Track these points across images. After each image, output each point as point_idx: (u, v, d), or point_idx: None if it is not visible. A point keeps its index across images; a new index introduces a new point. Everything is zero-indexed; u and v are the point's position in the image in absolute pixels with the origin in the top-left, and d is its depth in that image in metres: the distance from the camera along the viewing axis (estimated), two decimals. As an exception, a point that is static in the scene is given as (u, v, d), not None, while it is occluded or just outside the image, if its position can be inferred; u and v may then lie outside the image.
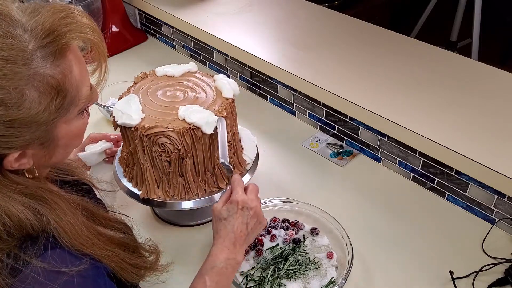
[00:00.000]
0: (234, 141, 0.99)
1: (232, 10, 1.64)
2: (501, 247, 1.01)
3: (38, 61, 0.57)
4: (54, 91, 0.58)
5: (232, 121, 0.97)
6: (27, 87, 0.56)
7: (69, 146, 0.68)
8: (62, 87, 0.59)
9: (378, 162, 1.24)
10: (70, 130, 0.65)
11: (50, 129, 0.61)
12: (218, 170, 0.97)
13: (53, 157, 0.66)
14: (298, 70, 1.30)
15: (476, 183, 1.05)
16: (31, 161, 0.63)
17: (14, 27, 0.56)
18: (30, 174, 0.65)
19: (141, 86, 1.02)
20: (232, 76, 1.57)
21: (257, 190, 0.90)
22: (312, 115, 1.36)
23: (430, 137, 1.06)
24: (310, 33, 1.50)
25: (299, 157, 1.27)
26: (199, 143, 0.91)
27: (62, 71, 0.59)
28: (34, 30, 0.57)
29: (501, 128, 1.09)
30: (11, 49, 0.55)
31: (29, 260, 0.59)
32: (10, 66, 0.55)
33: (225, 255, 0.81)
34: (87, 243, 0.65)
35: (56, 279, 0.59)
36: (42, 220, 0.61)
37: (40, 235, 0.61)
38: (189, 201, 0.97)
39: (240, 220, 0.84)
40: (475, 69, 1.32)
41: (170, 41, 1.79)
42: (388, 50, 1.39)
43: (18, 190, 0.61)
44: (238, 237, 0.83)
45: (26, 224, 0.60)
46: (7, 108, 0.55)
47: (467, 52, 2.40)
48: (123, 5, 1.77)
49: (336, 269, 0.95)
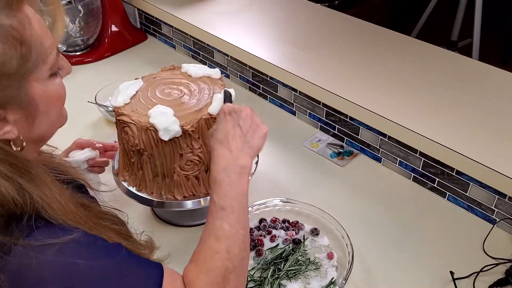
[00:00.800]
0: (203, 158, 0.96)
1: (232, 10, 1.63)
2: (502, 248, 1.00)
3: None
4: (17, 42, 0.58)
5: (201, 138, 0.92)
6: None
7: (50, 114, 0.67)
8: (24, 38, 0.59)
9: (379, 162, 1.24)
10: (46, 92, 0.64)
11: (23, 86, 0.61)
12: (178, 179, 0.95)
13: (37, 127, 0.65)
14: (298, 70, 1.30)
15: (477, 183, 1.05)
16: (15, 129, 0.62)
17: None
18: (17, 145, 0.63)
19: (156, 76, 1.04)
20: (232, 76, 1.57)
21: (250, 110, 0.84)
22: (312, 115, 1.36)
23: (431, 137, 1.06)
24: (310, 33, 1.49)
25: (299, 157, 1.26)
26: (157, 146, 0.91)
27: (21, 21, 0.59)
28: None
29: (502, 128, 1.09)
30: None
31: (16, 242, 0.57)
32: None
33: (222, 164, 0.76)
34: (80, 218, 0.63)
35: (46, 251, 0.57)
36: (25, 196, 0.59)
37: (24, 213, 0.59)
38: (189, 201, 0.96)
39: (230, 124, 0.78)
40: (476, 69, 1.31)
41: (170, 40, 1.79)
42: (389, 49, 1.39)
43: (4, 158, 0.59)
44: (232, 140, 0.77)
45: (8, 199, 0.58)
46: None
47: (468, 51, 2.40)
48: (122, 5, 1.77)
49: (337, 270, 0.95)
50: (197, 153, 0.93)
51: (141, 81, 1.02)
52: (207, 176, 0.96)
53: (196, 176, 0.96)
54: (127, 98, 0.96)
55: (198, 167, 0.95)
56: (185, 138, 0.91)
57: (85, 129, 1.35)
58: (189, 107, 0.94)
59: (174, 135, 0.89)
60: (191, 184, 0.96)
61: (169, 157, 0.93)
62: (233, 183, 0.75)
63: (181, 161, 0.93)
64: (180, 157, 0.93)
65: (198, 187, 0.97)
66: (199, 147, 0.93)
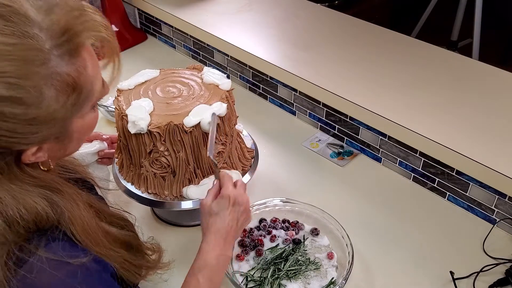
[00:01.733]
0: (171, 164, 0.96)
1: (232, 10, 1.63)
2: (502, 248, 1.00)
3: (55, 60, 0.58)
4: (70, 89, 0.60)
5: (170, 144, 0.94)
6: (46, 86, 0.57)
7: (82, 139, 0.70)
8: (78, 84, 0.60)
9: (379, 162, 1.24)
10: (83, 123, 0.66)
11: (66, 125, 0.63)
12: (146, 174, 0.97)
13: (67, 150, 0.68)
14: (298, 70, 1.30)
15: (477, 183, 1.05)
16: (46, 154, 0.64)
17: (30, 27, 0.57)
18: (45, 166, 0.67)
19: (175, 72, 1.06)
20: (232, 76, 1.57)
21: (245, 187, 0.89)
22: (312, 115, 1.36)
23: (431, 137, 1.06)
24: (310, 33, 1.49)
25: (299, 157, 1.26)
26: (125, 136, 0.95)
27: (77, 68, 0.60)
28: (50, 29, 0.58)
29: (502, 128, 1.09)
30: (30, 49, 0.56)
31: (34, 250, 0.60)
32: (29, 67, 0.55)
33: (217, 252, 0.81)
34: (95, 241, 0.66)
35: (59, 269, 0.59)
36: (57, 212, 0.63)
37: (50, 228, 0.62)
38: (189, 201, 0.96)
39: (232, 216, 0.83)
40: (476, 69, 1.31)
41: (170, 40, 1.79)
42: (389, 50, 1.39)
43: (35, 183, 0.63)
44: (228, 233, 0.82)
45: (42, 215, 0.61)
46: (28, 107, 0.56)
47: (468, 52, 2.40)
48: (122, 5, 1.77)
49: (337, 270, 0.95)
50: (165, 155, 0.93)
51: (157, 73, 1.04)
52: (174, 180, 0.96)
53: (163, 177, 0.96)
54: (133, 84, 0.99)
55: (166, 170, 0.95)
56: (150, 137, 0.92)
57: (85, 129, 1.35)
58: (171, 109, 0.94)
59: (139, 130, 0.90)
60: (158, 183, 0.97)
61: (137, 150, 0.95)
62: (219, 271, 0.82)
63: (149, 158, 0.94)
64: (148, 154, 0.94)
65: (163, 188, 0.97)
66: (167, 151, 0.93)
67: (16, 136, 0.58)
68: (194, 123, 0.90)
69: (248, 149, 1.07)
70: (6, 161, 0.60)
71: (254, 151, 1.08)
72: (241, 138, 1.07)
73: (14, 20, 0.55)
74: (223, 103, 0.94)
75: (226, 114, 0.95)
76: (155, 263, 0.81)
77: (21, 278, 0.58)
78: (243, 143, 1.06)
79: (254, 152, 1.08)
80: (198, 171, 0.96)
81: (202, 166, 0.96)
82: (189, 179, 0.96)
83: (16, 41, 0.55)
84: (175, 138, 0.91)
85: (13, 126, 0.56)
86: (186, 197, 0.96)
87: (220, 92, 0.99)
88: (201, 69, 1.06)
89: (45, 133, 0.60)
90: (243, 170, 1.02)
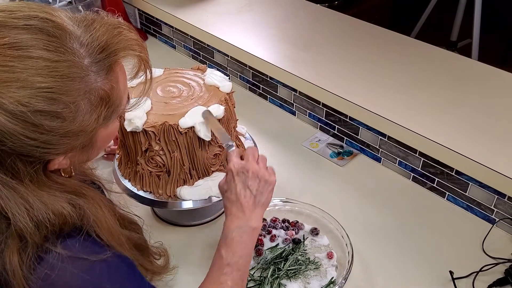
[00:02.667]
0: (167, 164, 0.96)
1: (232, 10, 1.64)
2: (501, 247, 1.00)
3: (93, 76, 0.59)
4: (103, 103, 0.62)
5: (166, 144, 0.93)
6: (83, 101, 0.59)
7: (103, 147, 0.72)
8: (110, 99, 0.62)
9: (378, 162, 1.24)
10: (107, 133, 0.68)
11: (93, 135, 0.65)
12: (142, 172, 0.97)
13: (89, 157, 0.70)
14: (298, 70, 1.30)
15: (476, 183, 1.05)
16: (69, 161, 0.65)
17: (71, 42, 0.58)
18: (66, 173, 0.69)
19: (178, 71, 1.07)
20: (232, 76, 1.57)
21: (255, 153, 0.86)
22: (312, 115, 1.36)
23: (430, 137, 1.06)
24: (310, 33, 1.50)
25: (299, 157, 1.27)
26: (122, 133, 0.95)
27: (111, 83, 0.62)
28: (89, 45, 0.59)
29: (502, 128, 1.09)
30: (72, 67, 0.57)
31: (51, 247, 0.61)
32: (71, 83, 0.57)
33: (235, 224, 0.79)
34: (119, 242, 0.68)
35: (78, 265, 0.60)
36: (83, 216, 0.64)
37: (75, 225, 0.64)
38: (189, 201, 0.97)
39: (240, 186, 0.82)
40: (475, 69, 1.32)
41: (170, 41, 1.79)
42: (388, 50, 1.39)
43: (61, 189, 0.64)
44: (244, 203, 0.81)
45: (69, 220, 0.62)
46: (64, 121, 0.58)
47: (467, 52, 2.40)
48: (123, 5, 1.77)
49: (336, 269, 0.95)
50: (160, 154, 0.93)
51: (161, 72, 1.05)
52: (169, 180, 0.96)
53: (158, 175, 0.97)
54: (135, 83, 0.99)
55: (161, 169, 0.96)
56: (145, 136, 0.92)
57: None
58: (168, 109, 0.95)
59: (134, 129, 0.91)
60: (153, 182, 0.97)
61: (133, 148, 0.95)
62: (244, 243, 0.79)
63: (144, 156, 0.95)
64: (143, 152, 0.94)
65: (157, 187, 0.98)
66: (161, 150, 0.93)
67: (49, 148, 0.59)
68: (190, 125, 0.90)
69: None
70: (35, 169, 0.61)
71: None
72: (241, 142, 1.06)
73: (57, 35, 0.57)
74: (220, 105, 0.94)
75: (224, 117, 0.95)
76: (161, 269, 0.81)
77: (41, 276, 0.59)
78: (242, 146, 1.06)
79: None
80: (193, 172, 0.96)
81: (197, 167, 0.96)
82: (184, 179, 0.97)
83: (59, 58, 0.56)
84: (170, 138, 0.91)
85: (48, 138, 0.58)
86: (180, 197, 0.96)
87: (220, 94, 0.99)
88: (205, 70, 1.07)
89: (74, 143, 0.62)
90: None
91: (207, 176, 0.98)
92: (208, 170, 0.97)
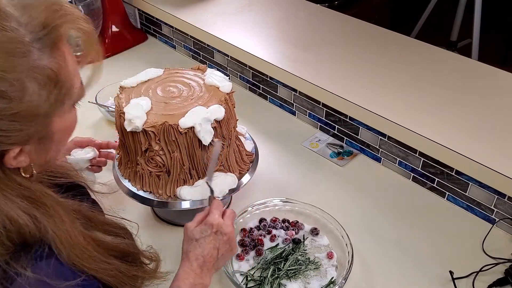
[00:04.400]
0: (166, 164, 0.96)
1: (232, 10, 1.64)
2: (501, 247, 1.01)
3: (36, 53, 0.57)
4: (52, 83, 0.59)
5: (165, 144, 0.94)
6: (28, 79, 0.56)
7: (62, 142, 0.69)
8: (59, 78, 0.60)
9: (378, 162, 1.24)
10: (63, 124, 0.65)
11: (47, 123, 0.62)
12: (142, 172, 0.97)
13: (48, 154, 0.67)
14: (298, 70, 1.30)
15: (476, 183, 1.05)
16: (27, 158, 0.63)
17: (8, 21, 0.56)
18: (27, 173, 0.65)
19: (178, 71, 1.07)
20: (232, 76, 1.57)
21: (234, 217, 0.88)
22: (312, 115, 1.36)
23: (430, 137, 1.06)
24: (310, 33, 1.50)
25: (299, 157, 1.27)
26: (122, 133, 0.95)
27: (58, 62, 0.60)
28: (29, 24, 0.57)
29: (502, 128, 1.09)
30: (11, 42, 0.55)
31: (20, 270, 0.58)
32: (12, 59, 0.55)
33: (191, 279, 0.79)
34: (83, 255, 0.64)
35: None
36: (40, 228, 0.61)
37: (36, 243, 0.61)
38: (189, 201, 0.97)
39: (212, 245, 0.81)
40: (475, 69, 1.32)
41: (170, 41, 1.79)
42: (388, 50, 1.39)
43: (20, 192, 0.61)
44: (207, 261, 0.81)
45: (25, 230, 0.60)
46: (10, 101, 0.55)
47: (467, 52, 2.40)
48: (123, 5, 1.77)
49: (336, 269, 0.95)
50: (159, 154, 0.93)
51: (161, 72, 1.05)
52: (169, 180, 0.96)
53: (158, 175, 0.97)
54: (135, 82, 1.00)
55: (161, 169, 0.96)
56: (145, 136, 0.92)
57: (85, 129, 1.35)
58: (168, 109, 0.94)
59: (134, 129, 0.91)
60: (153, 182, 0.97)
61: (133, 148, 0.95)
62: None
63: (144, 156, 0.95)
64: (143, 152, 0.94)
65: (157, 186, 0.97)
66: (161, 150, 0.93)
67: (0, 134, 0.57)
68: (190, 125, 0.90)
69: (247, 152, 1.06)
70: None
71: (253, 155, 1.07)
72: (241, 142, 1.06)
73: None
74: (221, 106, 0.95)
75: (224, 117, 0.95)
76: (151, 273, 0.79)
77: None
78: (242, 146, 1.06)
79: (254, 156, 1.07)
80: (193, 172, 0.96)
81: (197, 167, 0.96)
82: (184, 179, 0.96)
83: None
84: (170, 138, 0.91)
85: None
86: (180, 197, 0.96)
87: (219, 94, 0.99)
88: (205, 70, 1.07)
89: (28, 131, 0.59)
90: (240, 174, 1.02)
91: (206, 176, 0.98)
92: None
